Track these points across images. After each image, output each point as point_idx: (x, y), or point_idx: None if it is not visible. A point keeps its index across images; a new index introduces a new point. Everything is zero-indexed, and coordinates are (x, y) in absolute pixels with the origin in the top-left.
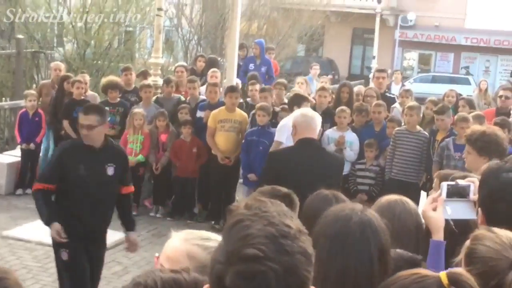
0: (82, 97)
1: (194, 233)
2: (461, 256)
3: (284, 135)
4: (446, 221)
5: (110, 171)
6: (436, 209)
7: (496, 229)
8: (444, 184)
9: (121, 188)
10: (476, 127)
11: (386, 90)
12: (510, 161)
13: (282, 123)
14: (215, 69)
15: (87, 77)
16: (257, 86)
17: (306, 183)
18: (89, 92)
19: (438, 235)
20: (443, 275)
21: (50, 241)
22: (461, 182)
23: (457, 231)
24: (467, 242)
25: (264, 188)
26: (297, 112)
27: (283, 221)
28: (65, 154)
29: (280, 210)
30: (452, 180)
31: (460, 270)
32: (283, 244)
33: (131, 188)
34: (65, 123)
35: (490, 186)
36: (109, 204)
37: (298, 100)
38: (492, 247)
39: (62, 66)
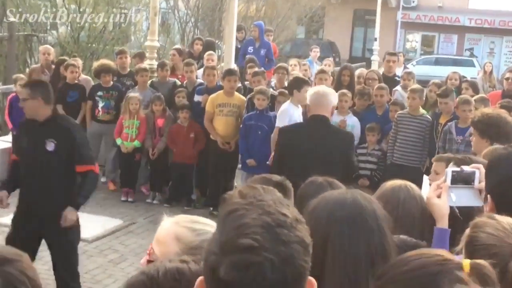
0: (76, 81)
1: (185, 216)
2: (461, 245)
3: (285, 120)
4: (451, 208)
5: (49, 146)
6: (441, 196)
7: (497, 216)
8: (449, 170)
9: (76, 167)
10: (482, 110)
11: (395, 74)
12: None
13: (282, 108)
14: (211, 52)
15: (80, 61)
16: (256, 69)
17: (314, 157)
18: (82, 76)
19: (443, 223)
20: (466, 263)
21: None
22: (466, 168)
23: (462, 218)
24: (467, 231)
25: (255, 177)
26: (311, 90)
27: (279, 209)
28: (21, 126)
29: (276, 198)
30: (455, 163)
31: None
32: (279, 233)
33: (88, 167)
34: (59, 108)
35: (500, 173)
36: (54, 181)
37: (298, 84)
38: (494, 233)
39: (52, 50)
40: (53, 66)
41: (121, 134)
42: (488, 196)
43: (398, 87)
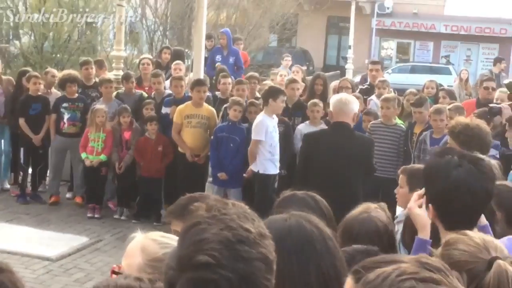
0: (40, 93)
1: (158, 232)
2: None
3: (262, 132)
4: None
5: None
6: (422, 206)
7: (468, 232)
8: None
9: None
10: (460, 119)
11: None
12: (455, 153)
13: (257, 119)
14: (178, 61)
15: (55, 72)
16: (229, 80)
17: (338, 162)
18: (53, 90)
19: (424, 233)
20: None
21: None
22: None
23: None
24: (439, 249)
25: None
26: (334, 98)
27: (242, 224)
28: None
29: (242, 213)
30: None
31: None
32: (239, 250)
33: None
34: (21, 121)
35: (441, 185)
36: None
37: (273, 93)
38: (466, 250)
39: None
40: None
41: (86, 148)
42: (430, 205)
43: (373, 96)
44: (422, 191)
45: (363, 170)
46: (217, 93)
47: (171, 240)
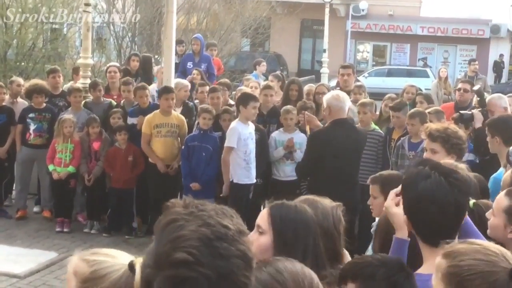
0: (4, 104)
1: (92, 250)
2: (436, 279)
3: (234, 138)
4: None
5: None
6: (399, 205)
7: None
8: None
9: None
10: (446, 126)
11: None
12: (430, 164)
13: (231, 126)
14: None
15: (21, 80)
16: (207, 88)
17: (343, 157)
18: (20, 100)
19: (402, 232)
20: None
21: None
22: None
23: None
24: (442, 262)
25: None
26: (329, 95)
27: (221, 221)
28: None
29: (219, 209)
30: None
31: None
32: (218, 247)
33: None
34: None
35: (409, 196)
36: None
37: (244, 100)
38: (485, 259)
39: None
40: None
41: (53, 160)
42: (405, 216)
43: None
44: (398, 189)
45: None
46: (195, 101)
47: (103, 256)
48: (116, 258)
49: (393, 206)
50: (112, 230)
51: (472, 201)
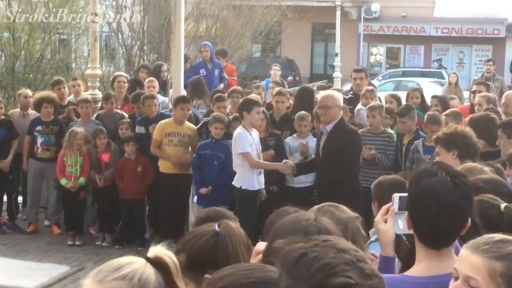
0: (3, 117)
1: (102, 269)
2: (478, 277)
3: (246, 144)
4: (398, 236)
5: None
6: (387, 222)
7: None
8: (396, 196)
9: None
10: (463, 130)
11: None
12: (440, 164)
13: (236, 133)
14: (151, 78)
15: (28, 92)
16: (226, 103)
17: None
18: (30, 112)
19: (386, 250)
20: None
21: None
22: None
23: (411, 246)
24: (497, 264)
25: None
26: (324, 93)
27: (350, 246)
28: None
29: (337, 237)
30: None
31: None
32: (363, 268)
33: None
34: None
35: (412, 191)
36: None
37: (247, 106)
38: None
39: None
40: None
41: (64, 174)
42: (406, 212)
43: (361, 106)
44: (390, 204)
45: None
46: (199, 111)
47: (127, 265)
48: (127, 260)
49: (381, 222)
50: (124, 242)
51: (503, 205)
